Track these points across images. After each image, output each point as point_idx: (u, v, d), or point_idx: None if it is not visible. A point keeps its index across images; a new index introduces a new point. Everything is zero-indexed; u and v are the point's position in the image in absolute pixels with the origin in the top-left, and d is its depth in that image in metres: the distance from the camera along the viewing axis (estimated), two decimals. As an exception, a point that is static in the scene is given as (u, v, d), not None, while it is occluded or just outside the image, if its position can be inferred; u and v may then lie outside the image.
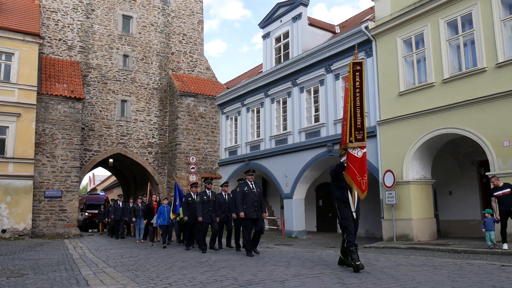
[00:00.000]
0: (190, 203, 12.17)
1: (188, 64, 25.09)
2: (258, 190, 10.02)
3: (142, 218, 15.88)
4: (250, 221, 9.79)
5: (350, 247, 6.68)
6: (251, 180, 10.06)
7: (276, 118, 20.05)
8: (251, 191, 9.89)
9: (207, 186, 11.73)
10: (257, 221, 9.81)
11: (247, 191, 9.90)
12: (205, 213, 11.22)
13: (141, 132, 23.25)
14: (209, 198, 11.43)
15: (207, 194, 11.51)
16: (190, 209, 12.08)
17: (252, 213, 9.73)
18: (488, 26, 11.70)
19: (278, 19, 20.68)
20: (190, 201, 12.20)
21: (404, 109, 13.77)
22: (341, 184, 7.07)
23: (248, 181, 10.05)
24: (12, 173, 17.94)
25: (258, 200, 9.89)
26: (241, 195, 9.93)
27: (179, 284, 5.92)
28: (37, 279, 6.76)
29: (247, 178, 10.12)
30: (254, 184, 10.06)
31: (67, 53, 21.94)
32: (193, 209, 11.86)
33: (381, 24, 14.57)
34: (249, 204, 9.75)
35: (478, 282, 5.45)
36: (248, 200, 9.79)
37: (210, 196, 11.50)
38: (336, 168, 7.15)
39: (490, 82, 11.57)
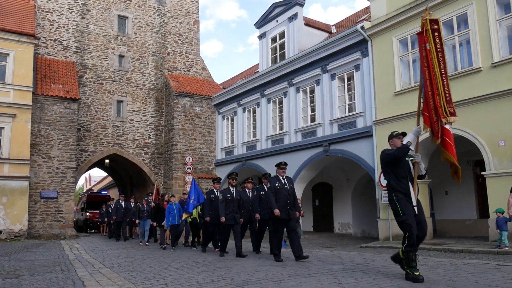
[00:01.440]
0: (213, 201, 10.96)
1: (184, 64, 25.06)
2: (291, 186, 8.74)
3: (147, 219, 14.98)
4: (281, 222, 8.52)
5: (409, 252, 5.60)
6: (283, 174, 8.78)
7: (272, 118, 20.06)
8: (283, 187, 8.60)
9: (231, 183, 10.28)
10: (290, 221, 8.53)
11: (279, 187, 8.59)
12: (228, 213, 9.90)
13: (137, 133, 23.21)
14: (233, 196, 10.07)
15: (230, 192, 10.14)
16: (213, 208, 10.81)
17: (284, 212, 8.47)
18: (484, 26, 11.75)
19: (274, 19, 20.69)
20: (212, 199, 11.00)
21: (400, 109, 13.79)
22: (400, 172, 5.91)
23: (279, 175, 8.77)
24: (7, 174, 17.87)
25: (291, 198, 8.62)
26: (274, 192, 8.58)
27: (175, 284, 5.91)
28: (33, 280, 6.73)
29: (278, 172, 8.82)
30: (286, 179, 8.82)
31: (63, 54, 21.86)
32: (216, 208, 10.59)
33: (377, 24, 14.60)
34: (281, 202, 8.48)
35: (474, 281, 5.47)
36: (280, 198, 8.50)
37: (234, 194, 10.13)
38: (398, 152, 5.84)
39: (486, 81, 11.62)
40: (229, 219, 9.90)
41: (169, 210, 12.65)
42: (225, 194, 10.09)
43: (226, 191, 10.15)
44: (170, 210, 12.60)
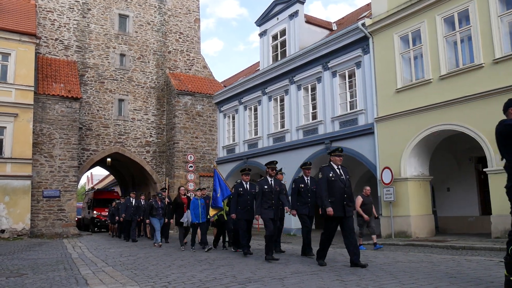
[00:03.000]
0: (241, 195, 9.67)
1: (185, 62, 25.06)
2: (348, 177, 7.24)
3: (162, 217, 13.82)
4: (336, 220, 7.08)
5: None
6: (339, 162, 7.23)
7: (273, 116, 20.05)
8: (339, 178, 7.10)
9: (270, 173, 8.65)
10: (346, 220, 7.04)
11: (334, 178, 7.08)
12: (266, 207, 8.39)
13: (138, 131, 23.23)
14: (271, 188, 8.52)
15: (268, 183, 8.54)
16: (242, 203, 9.63)
17: (340, 209, 6.97)
18: (485, 22, 11.71)
19: (275, 16, 20.66)
20: (241, 193, 9.69)
21: (402, 106, 13.78)
22: None
23: (334, 164, 7.22)
24: (10, 173, 17.92)
25: (349, 191, 7.13)
26: (326, 184, 7.05)
27: (178, 282, 5.92)
28: (36, 279, 6.76)
29: (334, 160, 7.25)
30: (342, 169, 7.25)
31: (64, 53, 21.88)
32: (245, 202, 9.57)
33: (378, 21, 14.57)
34: (338, 196, 6.99)
35: (476, 278, 5.47)
36: (335, 191, 7.00)
37: (273, 185, 8.55)
38: None
39: (488, 78, 11.59)
40: (268, 214, 8.48)
41: (193, 206, 11.35)
42: (262, 185, 8.54)
43: (263, 182, 8.62)
44: (195, 206, 11.30)
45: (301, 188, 8.95)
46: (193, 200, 11.51)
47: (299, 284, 5.43)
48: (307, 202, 8.87)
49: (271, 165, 8.73)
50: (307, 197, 8.89)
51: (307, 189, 8.90)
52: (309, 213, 8.87)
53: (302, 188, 8.94)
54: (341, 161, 7.28)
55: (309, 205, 8.82)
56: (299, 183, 9.06)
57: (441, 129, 12.72)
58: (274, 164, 8.73)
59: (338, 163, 7.25)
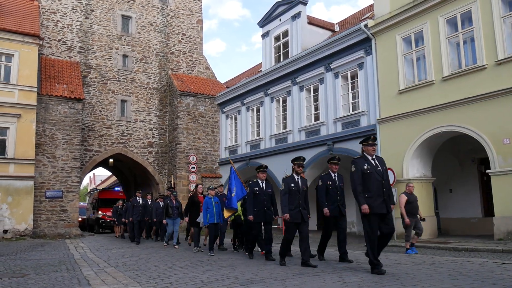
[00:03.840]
0: (257, 194, 8.86)
1: (187, 63, 25.09)
2: (385, 168, 6.50)
3: (177, 217, 13.09)
4: (375, 217, 6.27)
5: None
6: (373, 152, 6.52)
7: (276, 117, 20.06)
8: (376, 170, 6.35)
9: (297, 170, 7.82)
10: (386, 218, 6.37)
11: (369, 170, 6.35)
12: (293, 208, 7.54)
13: (141, 132, 23.27)
14: (298, 187, 7.69)
15: (295, 181, 7.73)
16: (258, 204, 8.83)
17: (380, 205, 6.27)
18: (488, 23, 11.69)
19: (277, 17, 20.67)
20: (257, 192, 8.88)
21: (404, 107, 13.76)
22: None
23: (367, 154, 6.52)
24: (13, 173, 17.97)
25: (387, 185, 6.40)
26: (361, 177, 6.39)
27: (180, 283, 5.93)
28: (39, 279, 6.77)
29: (367, 150, 6.53)
30: (377, 159, 6.52)
31: (67, 54, 21.94)
32: (261, 203, 8.81)
33: (381, 22, 14.56)
34: (375, 191, 6.29)
35: (479, 280, 5.46)
36: (372, 185, 6.30)
37: (300, 184, 7.73)
38: None
39: (490, 79, 11.56)
40: (294, 216, 7.56)
41: (206, 206, 10.56)
42: (288, 184, 7.67)
43: (289, 180, 7.74)
44: (208, 206, 10.53)
45: (329, 185, 8.18)
46: (205, 200, 10.67)
47: (301, 286, 5.43)
48: (336, 200, 8.11)
49: (298, 161, 7.89)
50: (335, 195, 8.13)
51: (335, 186, 8.15)
52: (339, 214, 8.09)
53: (330, 185, 8.17)
54: (375, 152, 6.54)
55: (338, 204, 8.08)
56: (326, 180, 8.25)
57: (444, 130, 12.69)
58: (301, 160, 7.91)
59: (372, 153, 6.50)
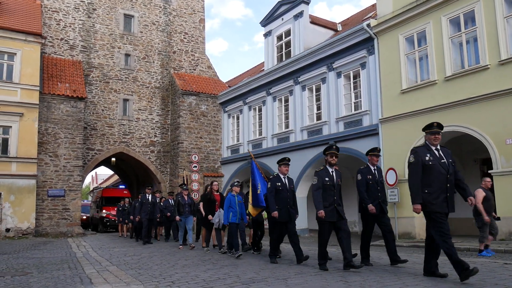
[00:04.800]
0: (279, 191, 8.12)
1: (189, 62, 25.10)
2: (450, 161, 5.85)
3: (189, 215, 12.32)
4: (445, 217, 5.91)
5: None
6: (436, 142, 5.82)
7: (278, 116, 20.05)
8: (439, 162, 5.75)
9: (330, 161, 7.04)
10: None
11: (432, 162, 5.72)
12: (327, 205, 6.79)
13: (143, 131, 23.29)
14: (333, 181, 6.94)
15: (330, 175, 6.97)
16: (280, 201, 8.07)
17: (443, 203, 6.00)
18: (491, 23, 11.66)
19: (280, 17, 20.66)
20: (279, 188, 8.13)
21: (407, 107, 13.74)
22: None
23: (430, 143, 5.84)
24: (15, 172, 18.01)
25: (452, 180, 5.91)
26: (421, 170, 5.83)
27: (182, 282, 5.94)
28: (41, 278, 6.79)
29: (429, 139, 5.87)
30: (442, 150, 5.90)
31: (69, 53, 21.97)
32: (284, 201, 8.08)
33: (383, 22, 14.54)
34: (438, 186, 5.77)
35: (481, 280, 5.45)
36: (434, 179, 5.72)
37: (335, 178, 7.00)
38: None
39: (493, 79, 11.54)
40: (329, 214, 6.77)
41: (229, 203, 9.62)
42: (321, 177, 6.89)
43: (323, 173, 6.94)
44: (231, 204, 9.59)
45: (369, 180, 7.34)
46: (228, 197, 9.78)
47: (303, 285, 5.43)
48: (377, 197, 7.29)
49: (331, 151, 7.00)
50: (376, 191, 7.32)
51: (376, 181, 7.36)
52: (380, 212, 7.31)
53: (370, 180, 7.35)
54: (439, 141, 5.78)
55: (380, 201, 7.29)
56: (366, 174, 7.40)
57: (446, 130, 12.64)
58: (335, 149, 7.05)
59: (434, 143, 5.77)
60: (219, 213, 10.45)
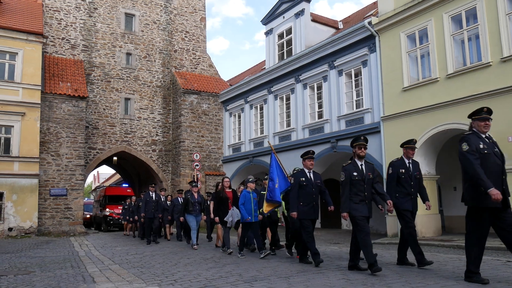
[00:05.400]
0: (303, 186, 7.48)
1: (191, 61, 25.10)
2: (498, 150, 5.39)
3: (199, 214, 11.91)
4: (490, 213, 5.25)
5: None
6: (487, 129, 5.39)
7: (279, 115, 20.04)
8: (493, 151, 5.29)
9: (359, 154, 6.46)
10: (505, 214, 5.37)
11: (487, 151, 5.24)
12: (357, 201, 6.30)
13: (144, 130, 23.31)
14: (362, 175, 6.38)
15: (359, 169, 6.41)
16: (305, 197, 7.45)
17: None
18: (493, 20, 11.62)
19: (281, 15, 20.64)
20: (303, 183, 7.49)
21: (408, 105, 13.72)
22: None
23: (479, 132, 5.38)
24: (17, 171, 18.05)
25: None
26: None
27: (184, 280, 5.95)
28: (44, 276, 6.81)
29: (478, 126, 5.41)
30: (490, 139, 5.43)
31: (70, 52, 21.99)
32: (309, 197, 7.45)
33: (385, 20, 14.51)
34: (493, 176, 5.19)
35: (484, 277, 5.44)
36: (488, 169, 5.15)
37: (364, 171, 6.42)
38: None
39: (495, 77, 11.50)
40: (360, 210, 6.28)
41: (243, 200, 9.05)
42: (349, 172, 6.36)
43: (351, 168, 6.41)
44: (246, 201, 9.03)
45: (401, 174, 6.77)
46: (243, 193, 9.20)
47: (305, 283, 5.43)
48: (409, 193, 6.74)
49: (359, 142, 6.47)
50: (409, 186, 6.76)
51: (410, 175, 6.76)
52: (413, 209, 6.75)
53: (403, 174, 6.77)
54: (489, 128, 5.39)
55: (412, 197, 6.72)
56: (398, 167, 6.82)
57: (448, 128, 12.65)
58: (363, 141, 6.50)
59: (484, 130, 5.36)
60: (232, 211, 9.78)
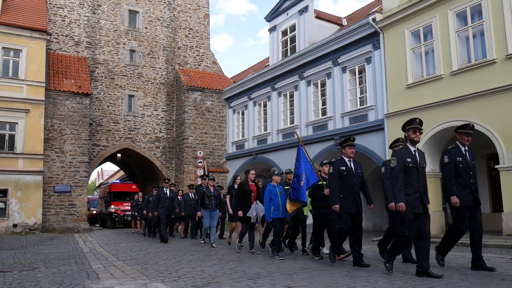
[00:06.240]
0: (344, 176, 6.72)
1: (194, 58, 25.08)
2: None
3: (215, 209, 11.00)
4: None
5: None
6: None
7: (283, 112, 20.02)
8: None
9: (413, 138, 5.73)
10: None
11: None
12: (411, 193, 5.58)
13: (148, 127, 23.34)
14: (416, 162, 5.66)
15: (412, 154, 5.70)
16: (346, 189, 6.65)
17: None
18: (498, 17, 11.55)
19: (285, 12, 20.57)
20: (344, 173, 6.72)
21: (412, 102, 13.67)
22: None
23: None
24: (22, 168, 18.13)
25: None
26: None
27: (188, 277, 5.96)
28: (48, 273, 6.84)
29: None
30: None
31: (74, 49, 22.03)
32: (351, 188, 6.68)
33: (389, 16, 14.44)
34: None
35: (487, 275, 5.43)
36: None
37: (418, 158, 5.70)
38: None
39: (500, 73, 11.44)
40: (414, 204, 5.57)
41: (269, 196, 8.11)
42: (402, 158, 5.61)
43: (403, 153, 5.69)
44: (272, 196, 8.10)
45: (459, 162, 5.92)
46: (268, 188, 8.26)
47: (308, 280, 5.44)
48: (469, 184, 5.90)
49: (413, 125, 5.69)
50: (468, 177, 5.92)
51: (468, 165, 5.96)
52: (474, 203, 5.95)
53: (460, 163, 5.92)
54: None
55: (472, 189, 5.92)
56: (455, 156, 5.96)
57: (453, 125, 12.58)
58: (418, 123, 5.71)
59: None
60: (256, 205, 8.98)
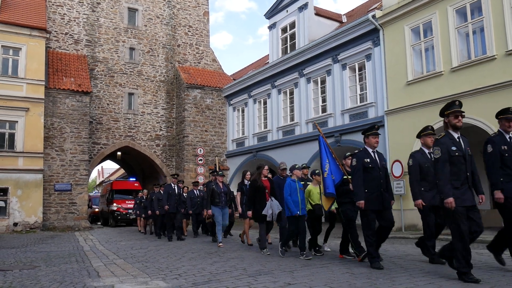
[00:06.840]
0: (369, 169, 6.22)
1: (194, 56, 25.05)
2: None
3: (226, 205, 10.53)
4: None
5: None
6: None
7: (283, 109, 20.01)
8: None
9: (455, 124, 5.26)
10: None
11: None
12: (459, 186, 5.11)
13: (148, 125, 23.34)
14: (462, 151, 5.16)
15: (456, 142, 5.19)
16: (371, 183, 6.13)
17: None
18: (498, 13, 11.53)
19: (284, 9, 20.54)
20: (369, 165, 6.22)
21: (412, 99, 13.66)
22: None
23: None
24: (22, 167, 18.13)
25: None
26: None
27: (189, 274, 5.97)
28: (49, 271, 6.84)
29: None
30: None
31: (74, 47, 21.99)
32: (376, 181, 6.15)
33: (389, 13, 14.42)
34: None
35: (488, 271, 5.44)
36: None
37: (463, 146, 5.21)
38: None
39: (500, 70, 11.42)
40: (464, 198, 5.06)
41: (289, 191, 7.60)
42: (447, 146, 5.07)
43: (447, 141, 5.12)
44: (292, 191, 7.58)
45: (504, 151, 5.34)
46: (288, 182, 7.73)
47: (309, 277, 5.44)
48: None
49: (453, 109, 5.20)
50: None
51: None
52: None
53: (506, 151, 5.33)
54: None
55: None
56: (500, 144, 5.39)
57: (453, 121, 12.57)
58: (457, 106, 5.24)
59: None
60: (271, 202, 8.41)
